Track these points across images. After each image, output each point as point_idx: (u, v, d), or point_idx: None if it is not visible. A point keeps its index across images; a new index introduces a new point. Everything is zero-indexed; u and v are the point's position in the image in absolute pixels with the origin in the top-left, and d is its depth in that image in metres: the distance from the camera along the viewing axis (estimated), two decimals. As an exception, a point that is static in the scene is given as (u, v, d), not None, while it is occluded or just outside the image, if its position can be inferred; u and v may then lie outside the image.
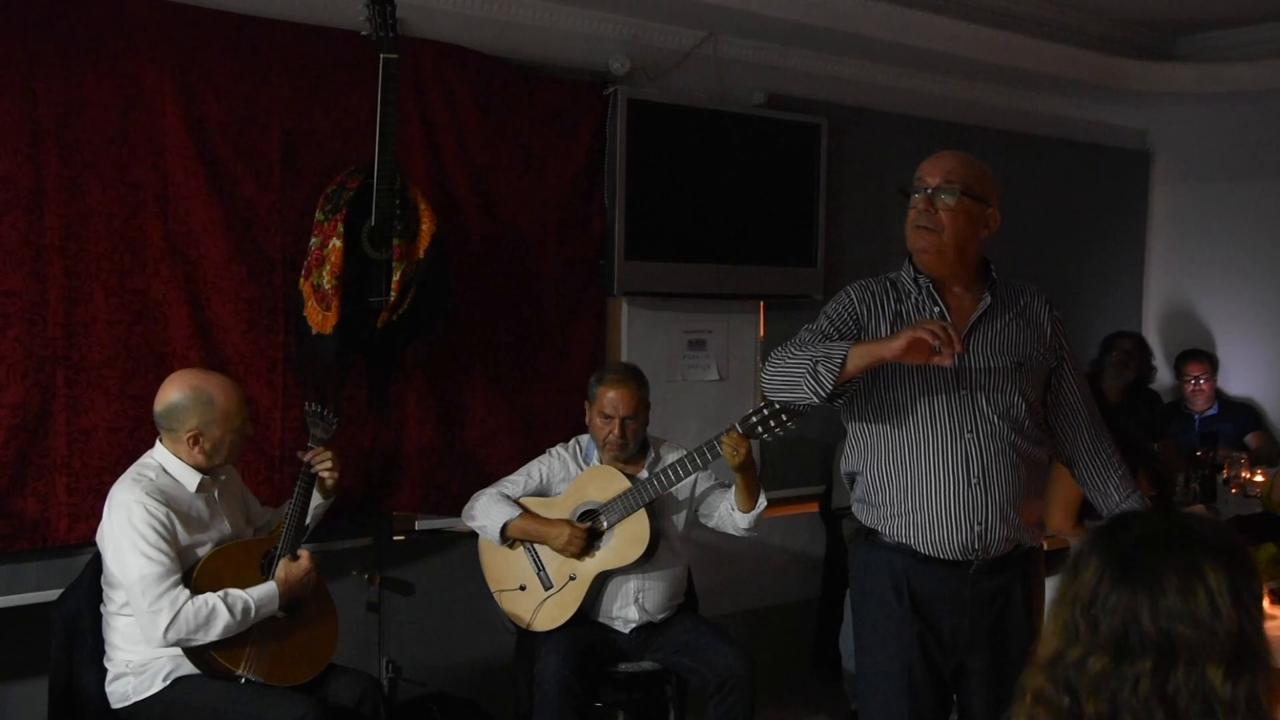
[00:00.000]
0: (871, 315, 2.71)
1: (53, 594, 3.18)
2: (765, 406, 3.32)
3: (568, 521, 3.51)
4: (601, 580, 3.53)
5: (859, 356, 2.51)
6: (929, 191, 2.65)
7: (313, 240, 3.38)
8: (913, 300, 2.71)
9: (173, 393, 2.99)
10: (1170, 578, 1.37)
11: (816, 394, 2.53)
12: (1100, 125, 6.10)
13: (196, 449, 2.98)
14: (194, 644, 2.86)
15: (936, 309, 2.69)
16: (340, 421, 3.31)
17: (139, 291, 3.39)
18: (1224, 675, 1.34)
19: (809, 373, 2.54)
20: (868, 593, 2.77)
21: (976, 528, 2.63)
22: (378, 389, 3.70)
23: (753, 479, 3.46)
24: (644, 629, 3.57)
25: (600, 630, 3.56)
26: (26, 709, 3.26)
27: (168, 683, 2.93)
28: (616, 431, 3.53)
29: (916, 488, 2.66)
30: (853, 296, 2.74)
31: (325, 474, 3.19)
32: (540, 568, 3.55)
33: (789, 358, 2.62)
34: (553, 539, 3.50)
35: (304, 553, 3.08)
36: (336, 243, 3.31)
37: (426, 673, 3.92)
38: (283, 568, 3.02)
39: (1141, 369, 5.60)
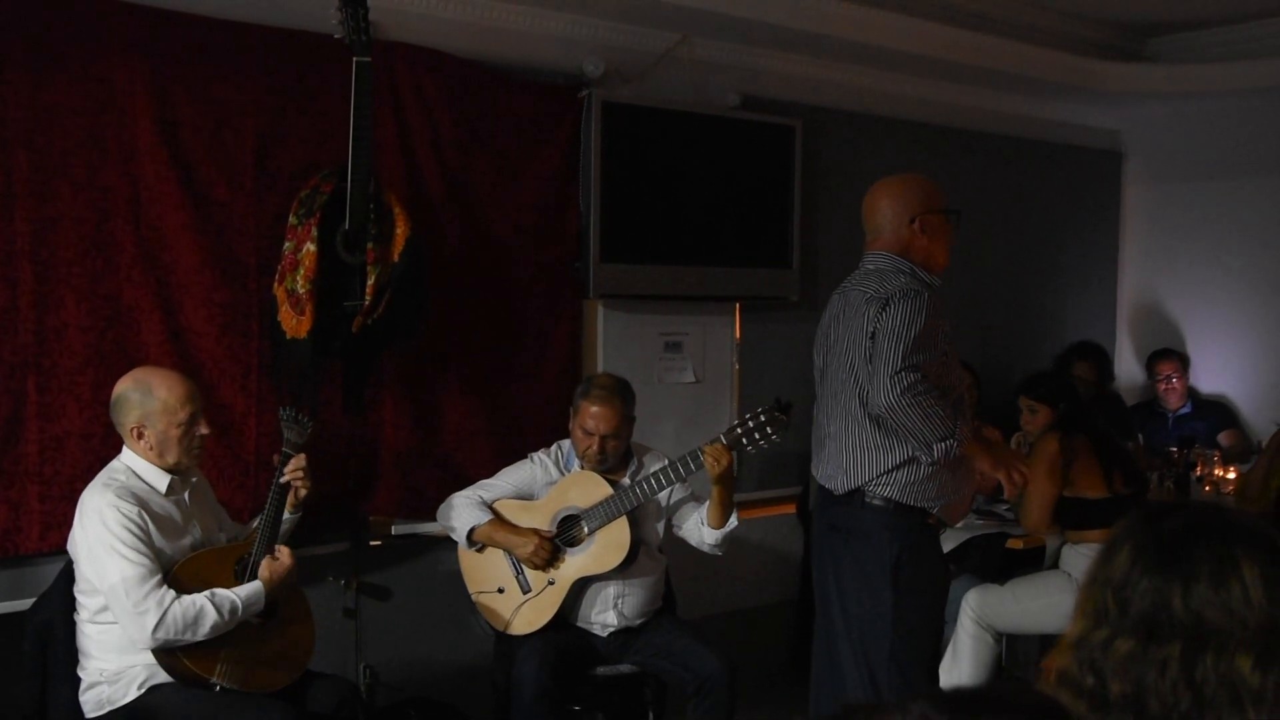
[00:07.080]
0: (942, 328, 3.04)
1: (25, 603, 3.15)
2: (750, 418, 3.34)
3: (535, 531, 3.50)
4: (580, 585, 3.52)
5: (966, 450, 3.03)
6: None
7: (286, 245, 3.36)
8: None
9: (118, 386, 2.97)
10: (1204, 565, 1.36)
11: (945, 453, 2.94)
12: (1072, 126, 6.14)
13: (143, 443, 2.93)
14: (181, 643, 2.82)
15: None
16: (314, 424, 3.28)
17: (111, 297, 3.36)
18: (1253, 665, 1.32)
19: (941, 440, 2.92)
20: (924, 566, 3.11)
21: None
22: (353, 393, 3.67)
23: (729, 494, 3.46)
24: (622, 633, 3.57)
25: (578, 634, 3.55)
26: (-1, 719, 3.24)
27: (142, 691, 2.90)
28: (595, 449, 3.52)
29: (967, 463, 3.08)
30: (935, 319, 2.98)
31: (298, 483, 3.15)
32: (519, 571, 3.54)
33: (929, 409, 2.90)
34: (518, 548, 3.49)
35: (284, 549, 3.04)
36: (311, 247, 3.30)
37: (404, 677, 3.91)
38: (265, 566, 2.99)
39: (1101, 383, 5.70)
